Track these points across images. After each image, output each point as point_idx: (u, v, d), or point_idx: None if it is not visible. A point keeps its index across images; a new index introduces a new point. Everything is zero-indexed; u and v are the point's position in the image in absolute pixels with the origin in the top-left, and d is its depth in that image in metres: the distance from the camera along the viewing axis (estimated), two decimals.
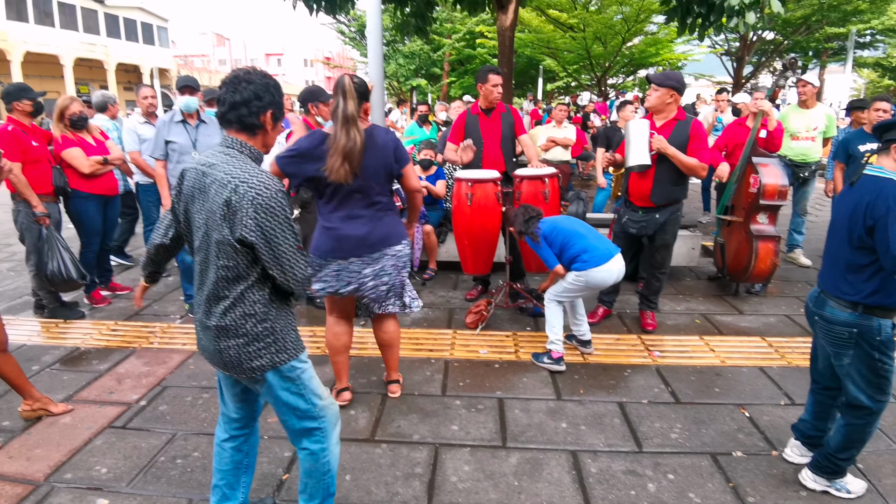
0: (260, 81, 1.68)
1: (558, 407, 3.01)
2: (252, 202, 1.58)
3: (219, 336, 1.73)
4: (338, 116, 2.55)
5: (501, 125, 4.25)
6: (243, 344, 1.72)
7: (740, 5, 5.59)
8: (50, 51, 29.50)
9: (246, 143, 1.70)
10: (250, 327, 1.72)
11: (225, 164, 1.64)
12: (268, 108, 1.69)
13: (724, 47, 21.22)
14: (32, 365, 3.52)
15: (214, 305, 1.72)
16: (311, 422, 1.89)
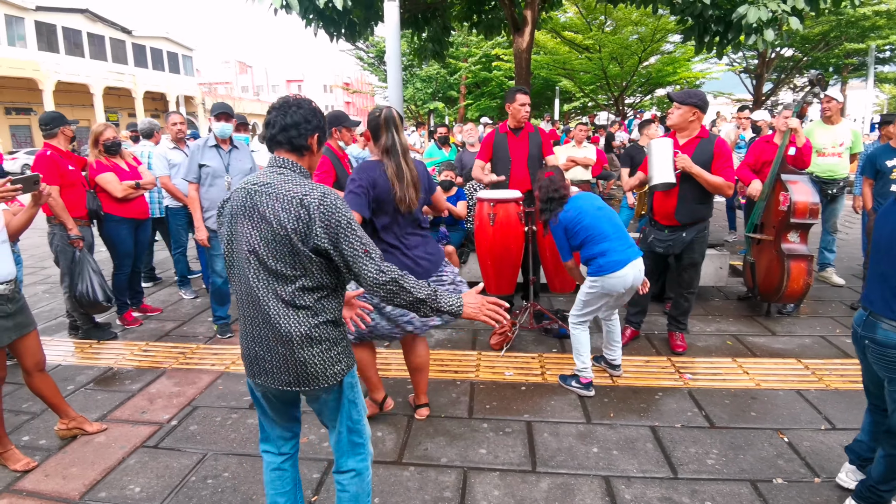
0: (308, 107, 1.77)
1: (588, 431, 2.97)
2: (319, 211, 1.64)
3: (303, 345, 1.73)
4: (397, 150, 2.64)
5: (529, 145, 4.30)
6: (326, 349, 1.75)
7: (758, 23, 5.59)
8: (80, 80, 30.53)
9: (296, 162, 1.77)
10: (330, 332, 1.76)
11: (283, 182, 1.70)
12: (314, 132, 1.77)
13: (742, 65, 21.17)
14: (68, 385, 3.59)
15: (291, 318, 1.71)
16: (359, 436, 1.91)
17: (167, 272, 6.39)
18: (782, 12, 5.55)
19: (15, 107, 29.22)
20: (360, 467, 1.92)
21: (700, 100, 3.64)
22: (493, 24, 8.95)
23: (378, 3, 7.02)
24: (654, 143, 3.65)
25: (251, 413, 3.21)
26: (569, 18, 17.20)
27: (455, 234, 5.26)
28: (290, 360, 1.74)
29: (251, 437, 2.95)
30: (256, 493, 2.50)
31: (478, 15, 8.90)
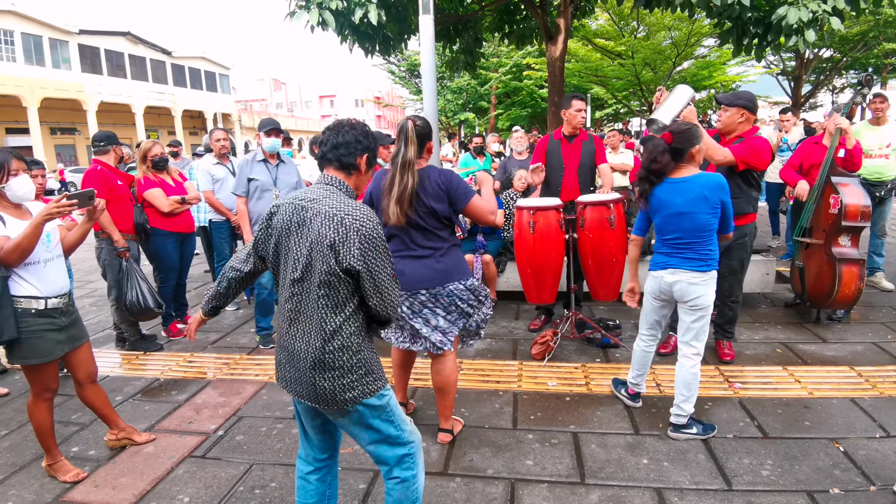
0: (360, 129, 1.84)
1: (637, 442, 2.89)
2: (357, 233, 1.67)
3: (314, 368, 1.75)
4: (397, 161, 2.64)
5: (581, 153, 4.26)
6: (338, 376, 1.75)
7: (799, 23, 5.44)
8: (122, 100, 31.79)
9: (343, 181, 1.82)
10: (346, 359, 1.75)
11: (328, 198, 1.74)
12: (364, 152, 1.83)
13: (779, 67, 20.64)
14: (116, 395, 3.68)
15: (313, 338, 1.75)
16: (402, 448, 1.90)
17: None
18: (823, 12, 5.40)
19: (60, 127, 30.57)
20: (407, 475, 1.91)
21: (748, 100, 3.54)
22: (524, 33, 8.95)
23: (412, 16, 7.11)
24: (679, 87, 3.51)
25: (295, 423, 3.21)
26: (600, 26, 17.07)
27: (492, 243, 5.23)
28: (304, 376, 1.77)
29: (296, 447, 2.95)
30: None
31: (509, 25, 8.92)
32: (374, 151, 1.87)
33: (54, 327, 2.64)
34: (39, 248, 2.57)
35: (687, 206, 2.80)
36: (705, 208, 2.77)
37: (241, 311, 5.49)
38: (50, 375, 2.70)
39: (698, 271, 2.82)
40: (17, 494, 2.67)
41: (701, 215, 2.78)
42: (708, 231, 2.82)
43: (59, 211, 2.51)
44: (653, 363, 3.79)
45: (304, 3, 6.21)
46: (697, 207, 2.78)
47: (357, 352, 1.77)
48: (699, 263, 2.82)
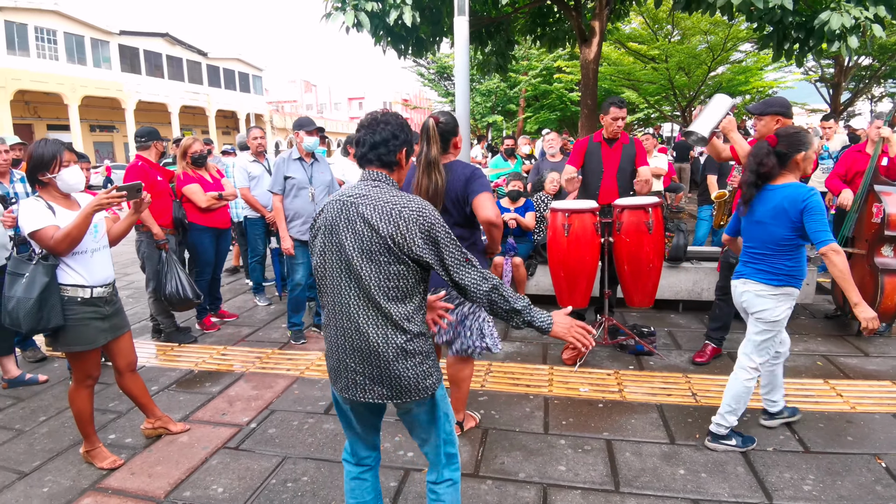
0: (395, 122, 1.79)
1: (673, 451, 2.82)
2: (416, 223, 1.66)
3: (398, 358, 1.71)
4: (420, 160, 2.64)
5: (621, 157, 4.19)
6: (419, 363, 1.74)
7: (841, 29, 5.29)
8: (159, 100, 32.58)
9: (388, 175, 1.80)
10: (423, 345, 1.76)
11: (381, 193, 1.73)
12: (402, 147, 1.80)
13: (818, 74, 20.09)
14: (152, 385, 3.75)
15: (388, 330, 1.71)
16: (452, 446, 1.90)
17: (240, 280, 6.64)
18: (865, 19, 5.24)
19: (99, 124, 31.47)
20: (456, 476, 1.92)
21: (781, 105, 3.42)
22: (557, 36, 8.89)
23: (445, 18, 7.12)
24: (717, 97, 3.45)
25: (327, 418, 3.24)
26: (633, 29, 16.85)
27: (523, 246, 5.19)
28: (385, 372, 1.73)
29: (328, 442, 2.98)
30: (335, 498, 2.51)
31: (542, 28, 8.87)
32: (412, 143, 1.85)
33: (98, 316, 2.71)
34: (87, 238, 2.64)
35: (765, 216, 2.69)
36: (783, 221, 2.62)
37: (272, 306, 5.56)
38: (92, 363, 2.77)
39: (766, 284, 2.70)
40: (54, 480, 2.73)
41: (777, 228, 2.64)
42: (784, 245, 2.65)
43: (108, 202, 2.58)
44: (688, 373, 3.74)
45: (339, 4, 6.28)
46: (775, 219, 2.64)
47: (428, 338, 1.80)
48: (769, 276, 2.69)
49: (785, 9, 5.16)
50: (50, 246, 2.53)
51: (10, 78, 24.33)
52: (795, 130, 2.71)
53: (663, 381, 3.64)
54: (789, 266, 2.67)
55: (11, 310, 2.54)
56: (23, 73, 24.98)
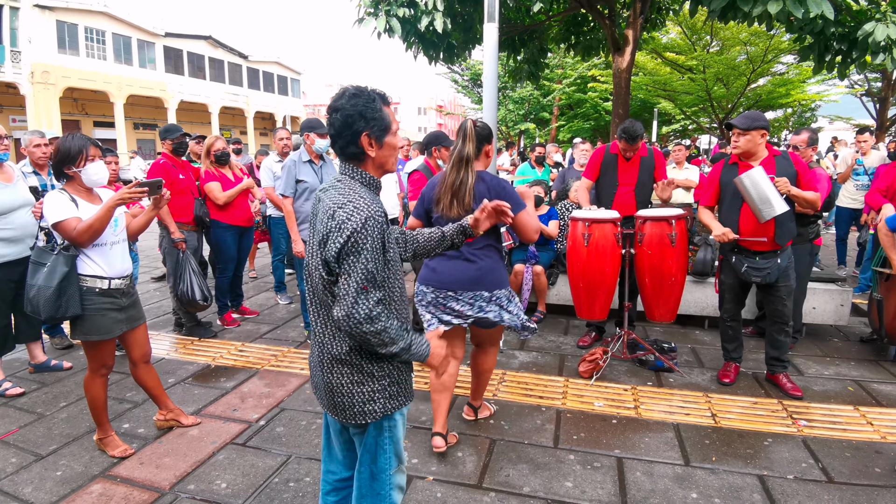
0: (349, 107, 1.57)
1: (686, 474, 2.71)
2: (339, 227, 1.50)
3: (332, 370, 1.63)
4: (453, 156, 2.67)
5: (639, 171, 4.10)
6: (358, 381, 1.62)
7: (886, 41, 5.06)
8: (200, 100, 33.51)
9: (357, 168, 1.64)
10: (366, 364, 1.61)
11: (334, 189, 1.60)
12: (361, 133, 1.58)
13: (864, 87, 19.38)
14: (169, 378, 3.82)
15: (331, 335, 1.62)
16: (380, 486, 1.73)
17: (266, 277, 6.73)
18: None
19: (143, 122, 32.53)
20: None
21: (764, 119, 3.46)
22: (591, 44, 8.79)
23: (477, 25, 7.12)
24: (750, 176, 3.27)
25: None
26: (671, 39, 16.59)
27: (544, 254, 5.12)
28: (323, 380, 1.67)
29: None
30: None
31: (576, 36, 8.79)
32: (374, 122, 1.58)
33: (115, 307, 2.76)
34: (107, 231, 2.71)
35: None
36: None
37: (293, 304, 5.61)
38: (107, 352, 2.82)
39: None
40: (68, 465, 2.80)
41: None
42: None
43: (130, 197, 2.64)
44: (709, 392, 3.61)
45: (372, 10, 6.33)
46: None
47: (380, 362, 1.63)
48: None
49: (826, 19, 4.98)
50: (72, 237, 2.60)
51: (60, 76, 25.36)
52: None
53: (682, 399, 3.52)
54: None
55: (32, 297, 2.62)
56: (72, 72, 26.01)
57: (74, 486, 2.62)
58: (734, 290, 3.67)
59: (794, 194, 3.36)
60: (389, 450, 1.72)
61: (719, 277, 3.75)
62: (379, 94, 1.63)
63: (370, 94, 1.60)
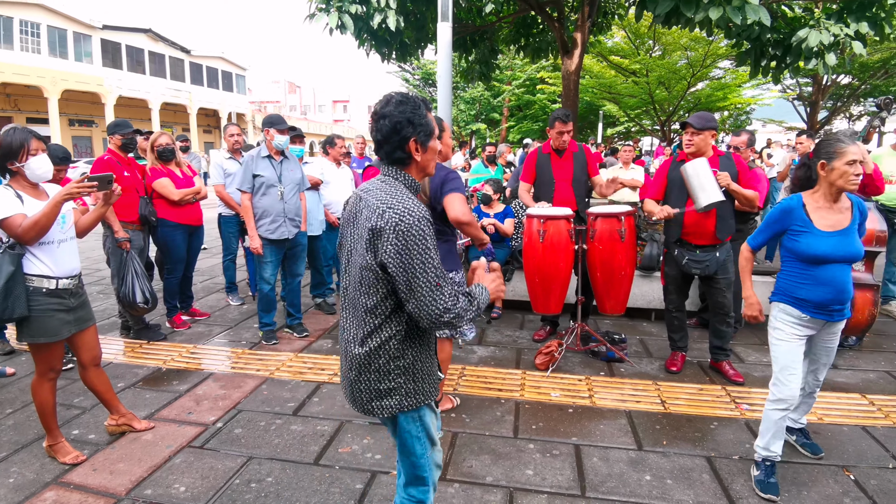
0: (396, 114, 1.63)
1: (640, 458, 2.84)
2: (394, 228, 1.54)
3: (352, 367, 1.69)
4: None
5: (573, 165, 4.23)
6: (375, 379, 1.66)
7: (819, 47, 5.42)
8: (140, 96, 32.09)
9: (401, 170, 1.70)
10: (384, 363, 1.65)
11: (379, 190, 1.64)
12: (409, 139, 1.65)
13: (796, 91, 20.60)
14: (118, 382, 3.67)
15: (357, 333, 1.68)
16: (422, 471, 1.82)
17: (216, 279, 6.55)
18: (845, 36, 5.37)
19: (78, 119, 30.88)
20: (421, 497, 1.85)
21: (715, 120, 3.72)
22: (540, 46, 8.99)
23: (429, 24, 7.15)
24: (694, 165, 3.52)
25: (294, 419, 3.21)
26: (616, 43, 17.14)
27: (500, 252, 5.21)
28: (347, 375, 1.73)
29: (294, 443, 2.94)
30: (299, 500, 2.47)
31: (526, 38, 8.96)
32: (421, 128, 1.65)
33: (63, 308, 2.65)
34: (54, 228, 2.59)
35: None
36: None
37: (245, 305, 5.49)
38: (55, 355, 2.71)
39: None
40: (19, 472, 2.68)
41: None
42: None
43: (79, 191, 2.54)
44: (658, 380, 3.78)
45: (324, 5, 6.26)
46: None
47: (396, 357, 1.66)
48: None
49: (763, 25, 5.27)
50: (17, 234, 2.48)
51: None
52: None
53: (633, 387, 3.67)
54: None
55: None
56: (5, 66, 24.51)
57: (28, 494, 2.51)
58: (677, 281, 3.86)
59: (734, 189, 3.57)
60: (423, 437, 1.79)
61: (664, 270, 3.94)
62: (423, 101, 1.70)
63: (416, 101, 1.67)
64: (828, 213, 2.50)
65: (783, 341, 2.63)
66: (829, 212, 2.50)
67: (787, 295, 2.61)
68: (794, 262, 2.58)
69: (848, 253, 2.46)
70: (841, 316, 2.56)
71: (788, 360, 2.60)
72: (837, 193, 2.49)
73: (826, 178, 2.47)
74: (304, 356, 4.20)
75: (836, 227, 2.47)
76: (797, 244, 2.52)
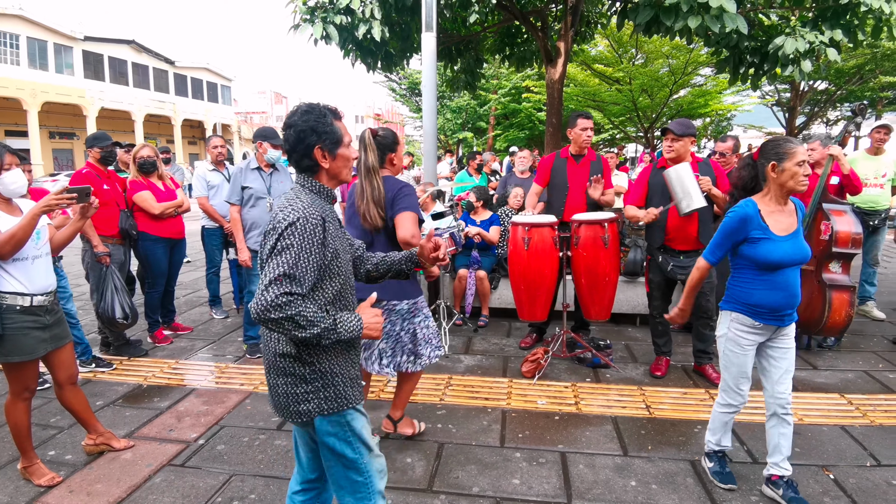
0: (300, 123, 1.66)
1: (626, 463, 2.84)
2: (273, 228, 1.59)
3: (269, 370, 1.71)
4: (360, 168, 2.71)
5: (589, 173, 4.25)
6: (291, 383, 1.66)
7: (795, 54, 5.53)
8: (123, 107, 31.84)
9: (309, 178, 1.73)
10: (295, 367, 1.65)
11: (283, 198, 1.69)
12: (314, 147, 1.67)
13: (774, 97, 20.94)
14: (97, 400, 3.60)
15: (269, 339, 1.70)
16: (357, 474, 1.74)
17: (199, 292, 6.48)
18: (820, 43, 5.48)
19: (59, 131, 30.55)
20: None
21: (694, 127, 3.79)
22: (524, 56, 9.06)
23: (415, 34, 7.18)
24: (677, 169, 3.54)
25: (279, 434, 3.17)
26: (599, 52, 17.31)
27: (486, 259, 5.22)
28: (268, 381, 1.74)
29: (279, 458, 2.90)
30: None
31: (510, 47, 9.03)
32: (325, 135, 1.66)
33: (38, 325, 2.59)
34: (28, 244, 2.55)
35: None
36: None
37: (229, 318, 5.43)
38: (30, 374, 2.65)
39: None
40: None
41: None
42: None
43: (57, 203, 2.50)
44: (643, 385, 3.79)
45: (308, 16, 6.27)
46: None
47: (309, 362, 1.65)
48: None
49: (741, 33, 5.36)
50: None
51: None
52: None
53: (619, 393, 3.68)
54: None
55: None
56: None
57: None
58: (661, 287, 3.89)
59: (715, 194, 3.62)
60: (354, 441, 1.73)
61: (648, 276, 3.96)
62: (330, 110, 1.72)
63: (321, 110, 1.69)
64: (780, 216, 2.42)
65: (735, 352, 2.55)
66: (781, 215, 2.43)
67: (739, 302, 2.51)
68: (747, 268, 2.49)
69: (802, 255, 2.42)
70: (791, 319, 2.49)
71: (740, 370, 2.56)
72: (787, 195, 2.43)
73: (776, 180, 2.39)
74: None
75: (789, 231, 2.41)
76: (756, 251, 2.41)
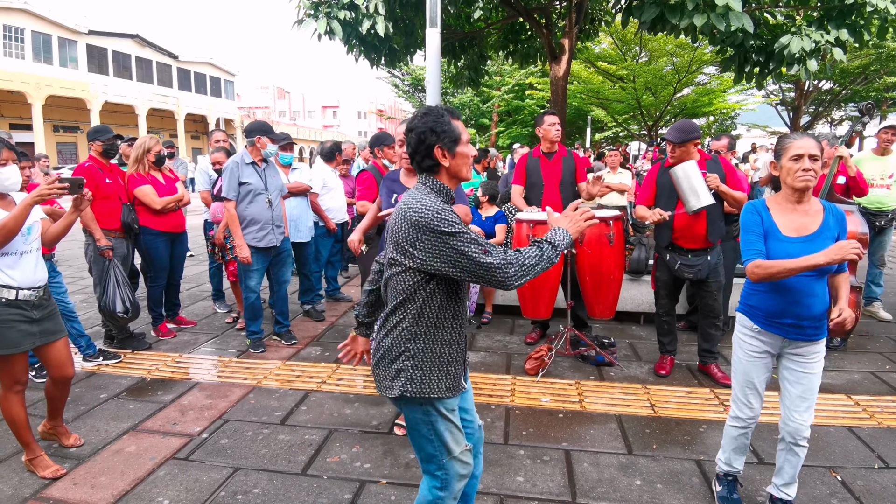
0: (420, 125, 1.76)
1: (630, 462, 2.83)
2: (411, 224, 1.67)
3: (375, 349, 1.84)
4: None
5: (562, 170, 4.25)
6: (387, 362, 1.79)
7: (801, 53, 5.50)
8: (126, 101, 31.85)
9: (429, 177, 1.81)
10: (396, 345, 1.77)
11: (408, 195, 1.78)
12: (433, 147, 1.75)
13: (779, 97, 20.90)
14: (101, 393, 3.60)
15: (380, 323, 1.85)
16: (430, 465, 1.87)
17: (202, 286, 6.48)
18: (825, 42, 5.46)
19: (63, 125, 30.58)
20: (433, 494, 1.88)
21: (695, 131, 3.70)
22: (528, 52, 9.04)
23: (418, 30, 7.16)
24: (684, 167, 3.52)
25: (282, 428, 3.16)
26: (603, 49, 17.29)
27: None
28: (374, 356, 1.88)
29: (282, 453, 2.90)
30: None
31: (514, 44, 9.02)
32: (444, 135, 1.74)
33: (24, 319, 2.57)
34: (18, 239, 2.53)
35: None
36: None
37: (232, 313, 5.42)
38: (19, 368, 2.63)
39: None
40: None
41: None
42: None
43: (49, 192, 2.49)
44: (647, 384, 3.78)
45: (312, 11, 6.25)
46: None
47: (408, 339, 1.76)
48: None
49: (746, 32, 5.34)
50: None
51: None
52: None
53: (623, 391, 3.67)
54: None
55: None
56: None
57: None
58: (668, 286, 3.87)
59: (723, 191, 3.58)
60: (435, 439, 1.82)
61: (655, 275, 3.94)
62: (447, 110, 1.81)
63: (439, 111, 1.78)
64: (792, 215, 2.22)
65: (739, 357, 2.41)
66: (793, 214, 2.22)
67: (743, 302, 2.40)
68: None
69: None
70: (803, 335, 2.23)
71: (745, 378, 2.38)
72: (795, 193, 2.21)
73: (780, 178, 2.25)
74: (293, 364, 4.16)
75: (801, 232, 2.19)
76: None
